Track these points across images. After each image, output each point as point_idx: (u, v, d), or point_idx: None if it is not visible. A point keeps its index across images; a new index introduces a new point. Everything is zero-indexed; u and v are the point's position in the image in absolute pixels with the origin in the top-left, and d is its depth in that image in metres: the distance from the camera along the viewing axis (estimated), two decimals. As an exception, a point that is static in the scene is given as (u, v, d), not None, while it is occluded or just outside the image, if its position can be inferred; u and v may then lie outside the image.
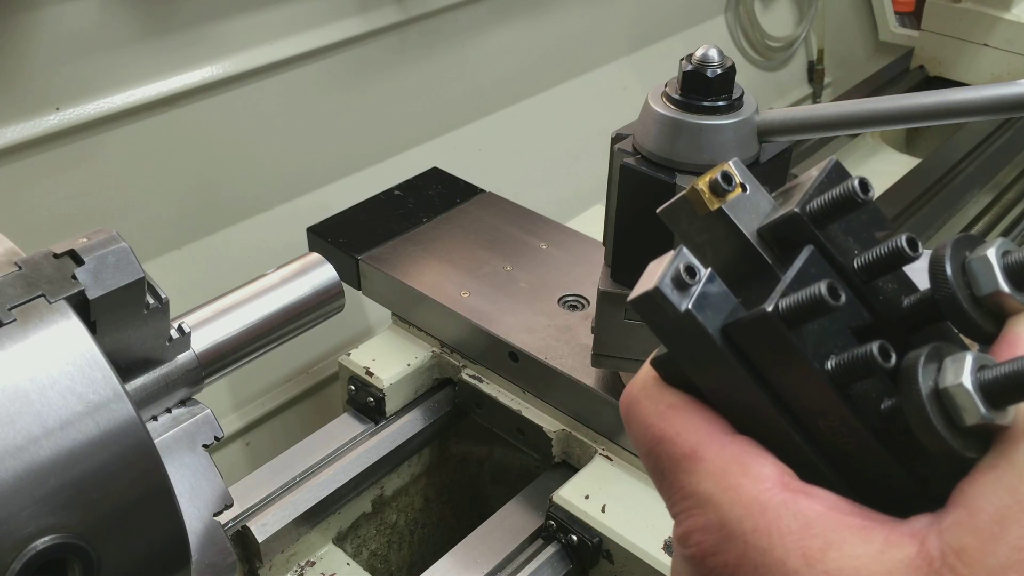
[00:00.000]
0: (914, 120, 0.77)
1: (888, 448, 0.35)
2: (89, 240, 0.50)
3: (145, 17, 1.16)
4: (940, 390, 0.33)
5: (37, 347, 0.45)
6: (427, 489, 1.20)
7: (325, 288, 0.69)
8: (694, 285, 0.36)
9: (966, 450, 0.33)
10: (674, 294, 0.36)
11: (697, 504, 0.36)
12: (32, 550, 0.42)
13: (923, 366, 0.34)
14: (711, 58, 0.80)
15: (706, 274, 0.37)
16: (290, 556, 1.00)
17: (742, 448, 0.37)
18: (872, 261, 0.37)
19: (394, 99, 1.49)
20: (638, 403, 0.40)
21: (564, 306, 1.06)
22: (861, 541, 0.33)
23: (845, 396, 0.35)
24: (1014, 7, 1.97)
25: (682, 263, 0.36)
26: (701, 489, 0.36)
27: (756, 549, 0.34)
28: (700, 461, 0.37)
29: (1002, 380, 0.32)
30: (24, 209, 1.12)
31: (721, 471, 0.36)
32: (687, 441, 0.38)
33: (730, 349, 0.36)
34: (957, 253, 0.35)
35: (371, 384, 1.07)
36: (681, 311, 0.36)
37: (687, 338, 0.37)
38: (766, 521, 0.34)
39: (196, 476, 0.56)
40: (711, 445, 0.37)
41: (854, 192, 0.36)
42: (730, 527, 0.35)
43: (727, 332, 0.36)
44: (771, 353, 0.36)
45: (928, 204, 1.63)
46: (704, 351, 0.37)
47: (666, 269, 0.36)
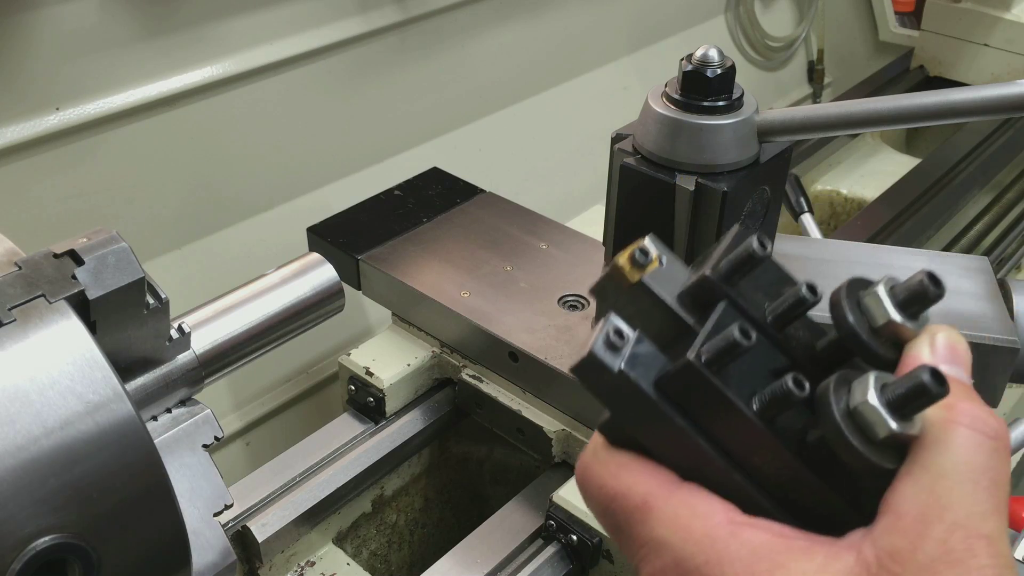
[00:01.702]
0: (914, 120, 0.77)
1: (818, 474, 0.38)
2: (89, 240, 0.50)
3: (145, 17, 1.16)
4: (851, 409, 0.37)
5: (37, 347, 0.45)
6: (427, 489, 1.20)
7: (325, 288, 0.69)
8: (624, 347, 0.40)
9: (884, 462, 0.37)
10: (607, 356, 0.39)
11: (653, 549, 0.39)
12: (32, 550, 0.42)
13: (834, 391, 0.38)
14: (711, 58, 0.80)
15: (634, 336, 0.40)
16: (290, 556, 1.00)
17: (689, 493, 0.40)
18: (780, 310, 0.41)
19: (394, 99, 1.49)
20: (590, 468, 0.43)
21: (564, 306, 1.06)
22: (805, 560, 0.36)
23: (772, 430, 0.38)
24: (1014, 7, 1.97)
25: (611, 328, 0.40)
26: (655, 535, 0.39)
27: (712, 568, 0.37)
28: (651, 510, 0.40)
29: (903, 392, 0.36)
30: (24, 209, 1.12)
31: (672, 516, 0.39)
32: (637, 494, 0.41)
33: (664, 401, 0.39)
34: (852, 294, 0.40)
35: (371, 384, 1.07)
36: (615, 371, 0.39)
37: (624, 397, 0.40)
38: (716, 553, 0.37)
39: (196, 476, 0.56)
40: (660, 494, 0.40)
41: (752, 250, 0.40)
42: (685, 563, 0.38)
43: (659, 386, 0.40)
44: (700, 398, 0.39)
45: (928, 204, 1.63)
46: (641, 407, 0.40)
47: (597, 334, 0.40)
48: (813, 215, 1.59)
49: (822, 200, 1.92)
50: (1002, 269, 1.61)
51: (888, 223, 1.55)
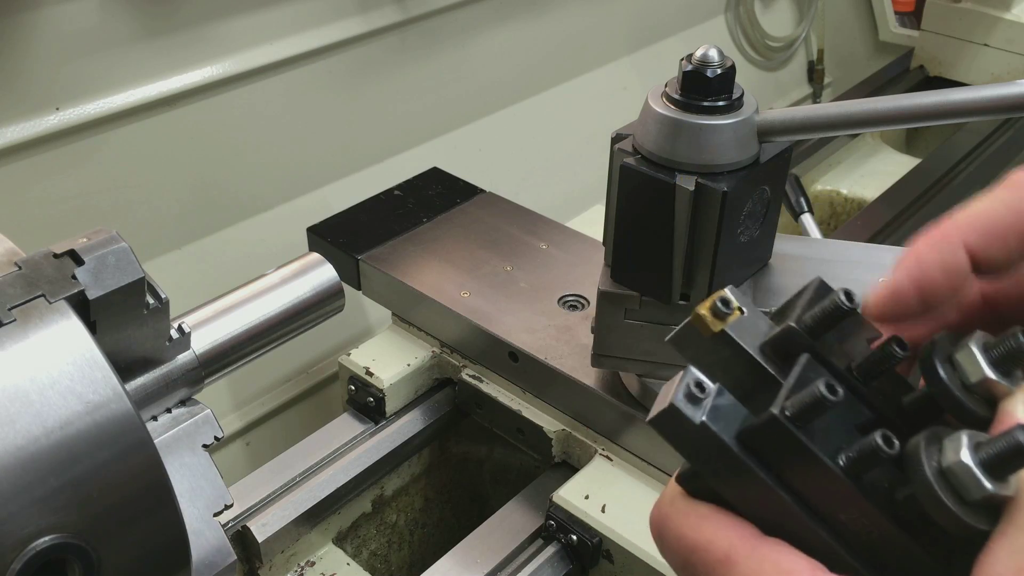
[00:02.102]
0: (914, 120, 0.77)
1: (908, 533, 0.37)
2: (89, 240, 0.50)
3: (145, 17, 1.16)
4: (944, 468, 0.36)
5: (37, 347, 0.45)
6: (427, 489, 1.20)
7: (325, 288, 0.69)
8: (705, 399, 0.39)
9: (978, 523, 0.35)
10: (688, 408, 0.39)
11: None
12: (32, 550, 0.42)
13: (925, 448, 0.37)
14: (711, 58, 0.80)
15: (715, 389, 0.40)
16: (290, 556, 1.00)
17: (773, 548, 0.38)
18: (867, 363, 0.41)
19: (394, 99, 1.49)
20: (668, 518, 0.42)
21: (564, 306, 1.06)
22: None
23: (860, 487, 0.38)
24: (1014, 7, 1.97)
25: (691, 380, 0.40)
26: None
27: None
28: (735, 564, 0.38)
29: (998, 452, 0.35)
30: (24, 209, 1.12)
31: (756, 570, 0.38)
32: (719, 547, 0.39)
33: (747, 455, 0.39)
34: (942, 349, 0.39)
35: (371, 384, 1.07)
36: (696, 423, 0.39)
37: (706, 449, 0.39)
38: None
39: (196, 476, 0.56)
40: (743, 548, 0.39)
41: (839, 303, 0.40)
42: None
43: (742, 439, 0.39)
44: (784, 453, 0.38)
45: (928, 204, 1.63)
46: (723, 460, 0.39)
47: (678, 387, 0.39)
48: (813, 215, 1.59)
49: (822, 200, 1.92)
50: (1002, 269, 1.61)
51: (888, 223, 1.55)
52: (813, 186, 1.90)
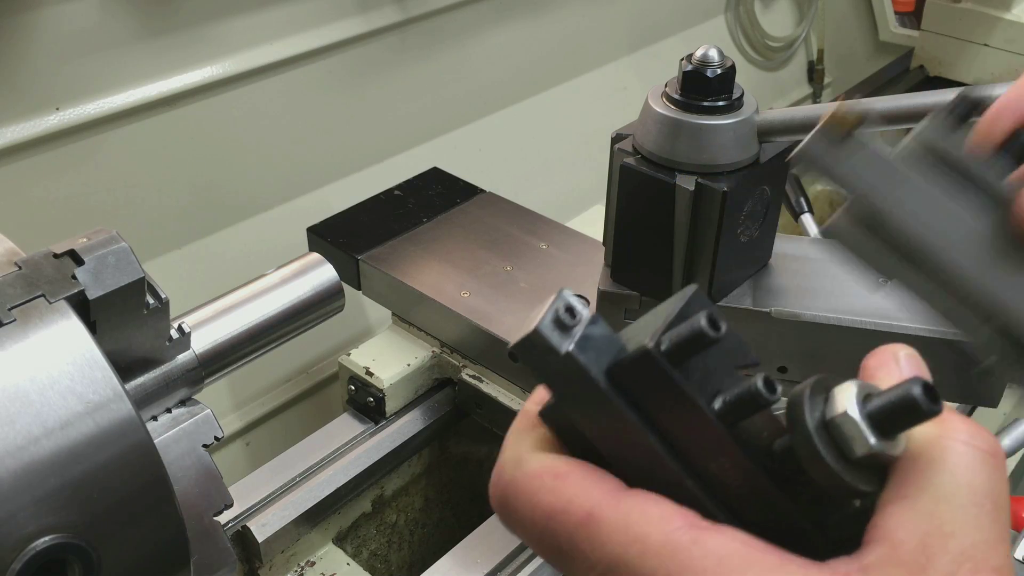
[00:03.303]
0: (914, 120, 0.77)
1: (782, 489, 0.34)
2: (89, 240, 0.50)
3: (145, 17, 1.16)
4: (827, 421, 0.33)
5: (37, 347, 0.45)
6: (427, 489, 1.20)
7: (325, 288, 0.69)
8: (576, 326, 0.35)
9: (858, 483, 0.33)
10: (555, 336, 0.35)
11: (607, 569, 0.33)
12: (32, 550, 0.42)
13: (809, 398, 0.33)
14: (711, 58, 0.80)
15: (588, 316, 0.36)
16: (290, 556, 1.00)
17: (640, 498, 0.34)
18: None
19: (394, 99, 1.49)
20: (517, 483, 0.37)
21: (564, 306, 1.06)
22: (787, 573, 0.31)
23: (734, 435, 0.34)
24: (1014, 7, 1.97)
25: (562, 304, 0.36)
26: (606, 552, 0.33)
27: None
28: (599, 523, 0.34)
29: (888, 406, 0.32)
30: (24, 209, 1.12)
31: (623, 525, 0.33)
32: (581, 507, 0.34)
33: (616, 392, 0.35)
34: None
35: (371, 384, 1.07)
36: (562, 353, 0.35)
37: (571, 382, 0.36)
38: (679, 564, 0.32)
39: (196, 476, 0.56)
40: (607, 504, 0.34)
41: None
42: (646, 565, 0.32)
43: (612, 374, 0.35)
44: (656, 392, 0.34)
45: (928, 204, 1.63)
46: (589, 395, 0.35)
47: (546, 311, 0.36)
48: (813, 215, 1.59)
49: (822, 200, 1.92)
50: (1002, 269, 1.61)
51: (888, 223, 1.55)
52: (813, 186, 1.90)
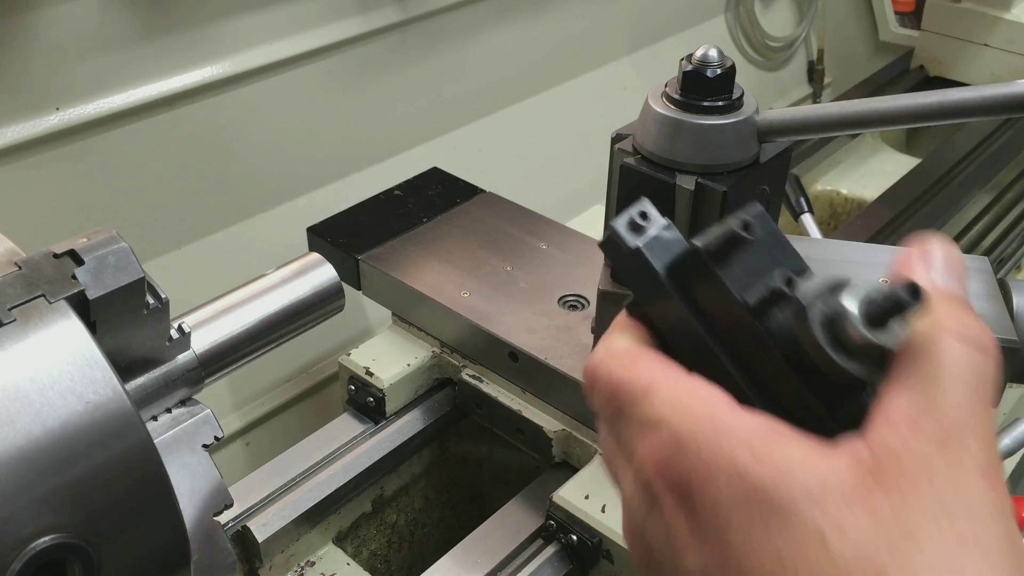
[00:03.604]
0: (914, 120, 0.77)
1: (804, 380, 0.39)
2: (89, 240, 0.50)
3: (145, 17, 1.16)
4: (829, 314, 0.38)
5: (37, 347, 0.45)
6: (427, 489, 1.20)
7: (325, 288, 0.69)
8: (648, 228, 0.43)
9: (859, 372, 0.37)
10: (628, 235, 0.43)
11: (652, 427, 0.40)
12: (32, 550, 0.42)
13: (820, 294, 0.38)
14: (711, 58, 0.80)
15: (663, 222, 0.43)
16: (290, 556, 1.00)
17: (694, 380, 0.41)
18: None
19: (394, 99, 1.49)
20: (603, 362, 0.44)
21: (564, 306, 1.06)
22: (801, 444, 0.37)
23: (761, 323, 0.40)
24: (1014, 7, 1.97)
25: (637, 210, 0.43)
26: (656, 412, 0.40)
27: (708, 451, 0.37)
28: (655, 393, 0.41)
29: (879, 302, 0.37)
30: (24, 209, 1.12)
31: (675, 397, 0.40)
32: (643, 379, 0.42)
33: (672, 284, 0.42)
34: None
35: (371, 384, 1.07)
36: (632, 248, 0.42)
37: (639, 275, 0.43)
38: (715, 429, 0.38)
39: (196, 476, 0.56)
40: (665, 379, 0.41)
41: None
42: (684, 439, 0.38)
43: (671, 270, 0.42)
44: (702, 284, 0.41)
45: (928, 204, 1.63)
46: (653, 287, 0.43)
47: (624, 214, 0.43)
48: (813, 215, 1.59)
49: (822, 200, 1.92)
50: (1002, 269, 1.61)
51: (888, 223, 1.55)
52: (813, 186, 1.90)
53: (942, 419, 0.35)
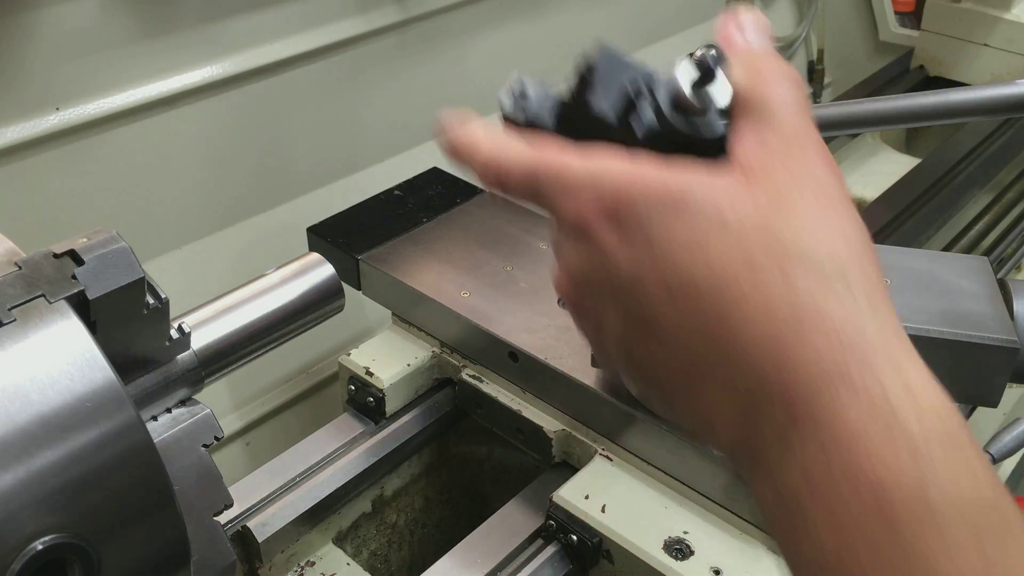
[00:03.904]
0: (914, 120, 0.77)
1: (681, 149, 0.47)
2: (89, 240, 0.50)
3: (145, 17, 1.16)
4: (671, 95, 0.48)
5: (37, 347, 0.45)
6: (427, 489, 1.20)
7: (325, 288, 0.69)
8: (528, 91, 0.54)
9: (713, 128, 0.47)
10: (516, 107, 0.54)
11: (580, 184, 0.48)
12: (32, 550, 0.42)
13: (663, 84, 0.48)
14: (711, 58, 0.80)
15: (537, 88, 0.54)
16: (290, 556, 1.00)
17: (599, 149, 0.49)
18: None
19: (394, 99, 1.49)
20: (502, 150, 0.52)
21: (564, 306, 1.06)
22: (695, 168, 0.46)
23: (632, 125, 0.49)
24: (1014, 7, 1.97)
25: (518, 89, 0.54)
26: (581, 170, 0.48)
27: (627, 182, 0.46)
28: (571, 159, 0.49)
29: (700, 68, 0.47)
30: (24, 209, 1.12)
31: (588, 158, 0.48)
32: (553, 148, 0.50)
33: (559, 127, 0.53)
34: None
35: (371, 384, 1.07)
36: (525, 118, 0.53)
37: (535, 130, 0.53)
38: (629, 168, 0.47)
39: (196, 476, 0.56)
40: (573, 150, 0.49)
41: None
42: (604, 182, 0.47)
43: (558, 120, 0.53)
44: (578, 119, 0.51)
45: (928, 204, 1.63)
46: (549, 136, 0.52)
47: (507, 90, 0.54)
48: (813, 215, 1.59)
49: (822, 200, 1.92)
50: (1002, 269, 1.61)
51: (888, 223, 1.55)
52: (813, 186, 1.90)
53: (783, 133, 0.46)
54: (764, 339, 0.42)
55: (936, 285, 0.83)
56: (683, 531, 0.86)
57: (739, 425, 0.44)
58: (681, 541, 0.86)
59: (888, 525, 0.38)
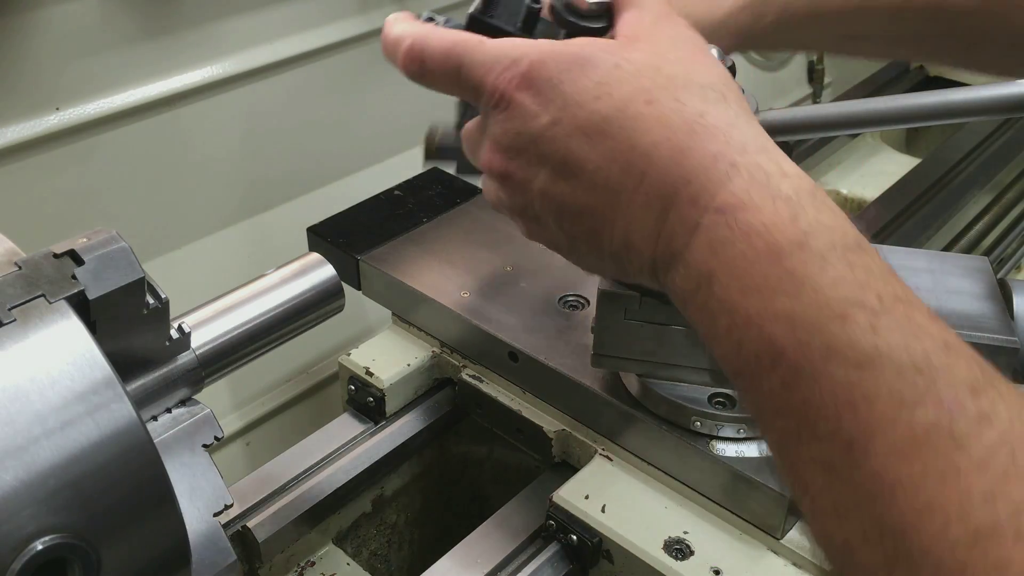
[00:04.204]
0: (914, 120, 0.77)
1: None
2: (89, 240, 0.50)
3: (145, 17, 1.16)
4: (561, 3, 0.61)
5: (37, 347, 0.45)
6: (427, 489, 1.20)
7: (325, 288, 0.69)
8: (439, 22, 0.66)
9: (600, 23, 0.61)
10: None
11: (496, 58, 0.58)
12: (32, 550, 0.42)
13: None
14: (711, 58, 0.80)
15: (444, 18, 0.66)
16: (290, 556, 1.00)
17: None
18: None
19: (394, 99, 1.49)
20: (424, 36, 0.62)
21: (564, 306, 1.06)
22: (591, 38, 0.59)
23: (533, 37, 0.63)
24: (1014, 7, 1.96)
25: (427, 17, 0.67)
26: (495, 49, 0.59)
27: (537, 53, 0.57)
28: (484, 41, 0.60)
29: None
30: (24, 209, 1.12)
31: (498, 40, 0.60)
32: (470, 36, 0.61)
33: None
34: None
35: (371, 384, 1.07)
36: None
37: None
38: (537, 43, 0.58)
39: (196, 476, 0.56)
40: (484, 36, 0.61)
41: None
42: (518, 54, 0.57)
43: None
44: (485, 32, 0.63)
45: (928, 204, 1.63)
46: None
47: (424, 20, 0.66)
48: (813, 215, 1.59)
49: (822, 200, 1.92)
50: (1002, 269, 1.61)
51: (888, 223, 1.55)
52: (813, 186, 1.90)
53: (654, 12, 0.59)
54: (669, 151, 0.52)
55: (936, 285, 0.83)
56: (683, 531, 0.86)
57: (657, 233, 0.54)
58: (681, 541, 0.86)
59: (777, 261, 0.48)
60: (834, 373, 0.44)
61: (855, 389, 0.44)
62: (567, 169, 0.56)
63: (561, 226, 0.60)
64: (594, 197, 0.55)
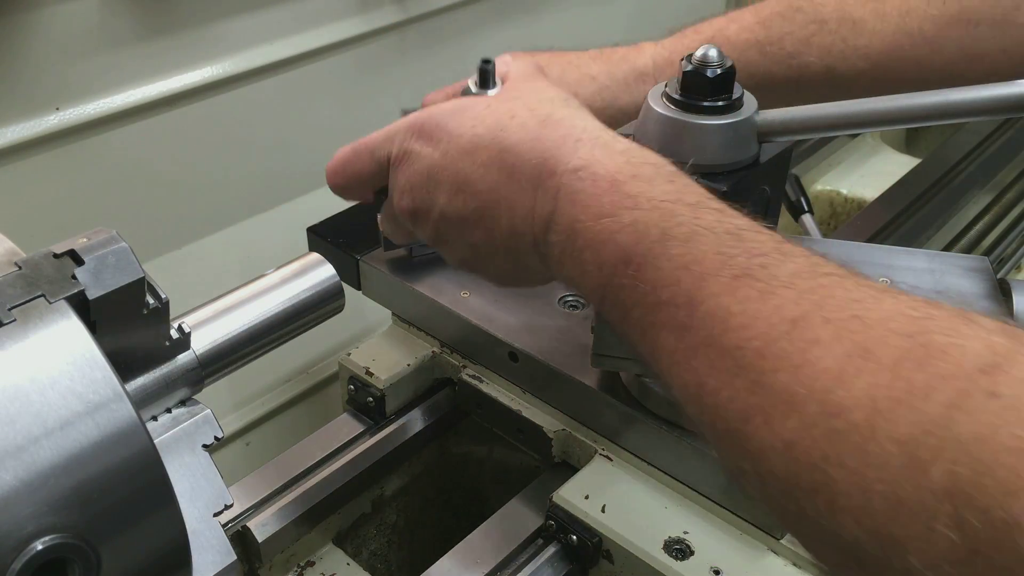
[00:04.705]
0: (914, 120, 0.77)
1: None
2: (89, 240, 0.50)
3: (145, 17, 1.16)
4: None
5: (37, 347, 0.45)
6: (427, 489, 1.20)
7: (325, 288, 0.69)
8: None
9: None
10: None
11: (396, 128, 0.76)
12: (32, 550, 0.42)
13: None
14: (711, 58, 0.80)
15: None
16: (290, 556, 1.00)
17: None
18: None
19: (394, 99, 1.49)
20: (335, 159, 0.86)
21: (564, 306, 1.06)
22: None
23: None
24: (1014, 7, 1.96)
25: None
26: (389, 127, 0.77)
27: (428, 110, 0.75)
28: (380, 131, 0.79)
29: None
30: (24, 209, 1.12)
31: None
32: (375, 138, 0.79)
33: None
34: None
35: (371, 384, 1.07)
36: None
37: None
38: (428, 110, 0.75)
39: (196, 476, 0.56)
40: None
41: None
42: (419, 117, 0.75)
43: None
44: None
45: (928, 204, 1.63)
46: None
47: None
48: (813, 215, 1.59)
49: (822, 200, 1.92)
50: (1002, 269, 1.61)
51: (888, 223, 1.55)
52: (813, 186, 1.90)
53: (522, 72, 0.82)
54: (528, 143, 0.66)
55: (936, 285, 0.83)
56: (683, 531, 0.86)
57: (532, 210, 0.65)
58: (681, 541, 0.86)
59: (618, 188, 0.61)
60: (670, 250, 0.56)
61: (687, 255, 0.55)
62: (457, 186, 0.68)
63: (463, 238, 0.70)
64: (481, 200, 0.67)
